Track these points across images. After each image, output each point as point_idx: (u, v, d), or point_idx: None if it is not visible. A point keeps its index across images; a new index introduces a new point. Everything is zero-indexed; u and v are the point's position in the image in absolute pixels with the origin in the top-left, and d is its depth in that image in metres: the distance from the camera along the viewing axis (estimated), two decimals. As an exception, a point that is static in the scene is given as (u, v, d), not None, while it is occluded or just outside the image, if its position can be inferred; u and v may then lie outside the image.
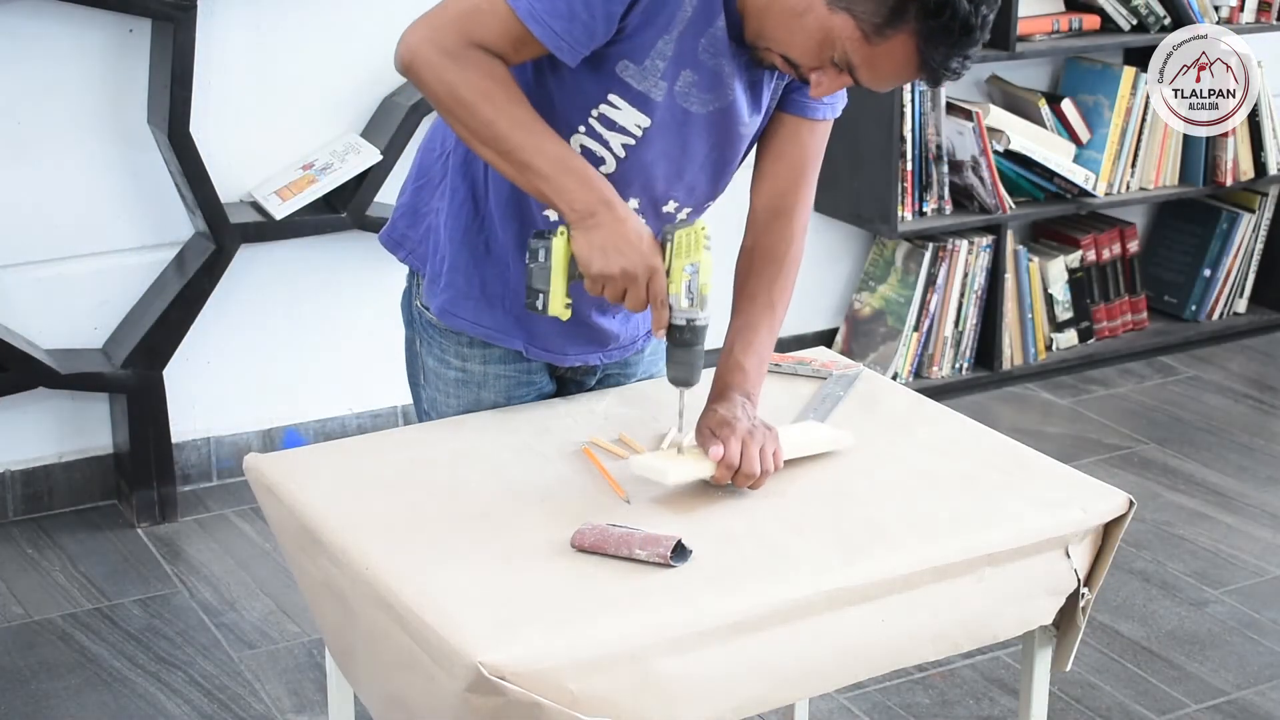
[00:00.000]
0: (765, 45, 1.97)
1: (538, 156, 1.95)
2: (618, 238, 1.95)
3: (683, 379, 2.03)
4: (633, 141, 2.04)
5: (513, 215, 2.12)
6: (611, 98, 2.01)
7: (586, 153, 2.05)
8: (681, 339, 2.01)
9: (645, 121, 2.02)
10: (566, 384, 2.33)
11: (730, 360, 2.13)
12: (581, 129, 2.04)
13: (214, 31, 3.62)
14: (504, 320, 2.18)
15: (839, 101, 2.16)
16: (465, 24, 1.94)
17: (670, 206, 2.13)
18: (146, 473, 3.68)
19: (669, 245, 1.98)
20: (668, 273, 1.98)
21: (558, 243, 1.98)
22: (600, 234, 1.95)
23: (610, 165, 2.06)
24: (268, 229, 3.67)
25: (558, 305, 2.00)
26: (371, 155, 3.70)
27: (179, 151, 3.51)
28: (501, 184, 2.10)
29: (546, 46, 1.94)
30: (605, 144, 2.04)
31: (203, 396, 3.84)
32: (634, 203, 2.08)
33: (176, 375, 3.75)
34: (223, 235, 3.60)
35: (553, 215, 2.08)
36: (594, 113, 2.02)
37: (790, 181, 2.17)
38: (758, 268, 2.18)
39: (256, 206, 3.72)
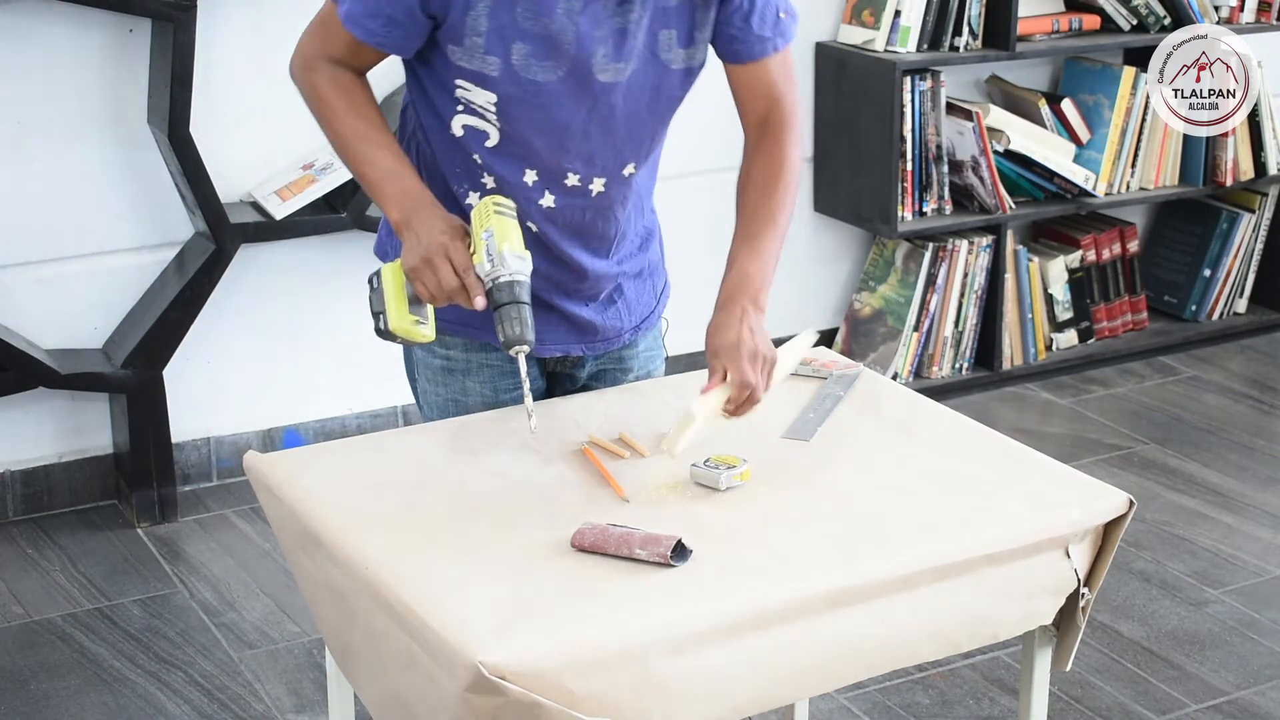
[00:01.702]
0: None
1: (368, 167, 2.09)
2: (421, 231, 2.02)
3: (514, 338, 1.99)
4: (494, 117, 2.09)
5: (450, 209, 2.15)
6: (459, 81, 2.08)
7: (469, 131, 2.11)
8: (497, 299, 2.00)
9: (492, 97, 2.07)
10: (560, 378, 2.33)
11: (735, 267, 2.14)
12: (459, 108, 2.10)
13: (214, 31, 3.62)
14: (463, 311, 2.19)
15: (786, 27, 2.17)
16: (316, 39, 2.12)
17: (573, 179, 2.14)
18: (146, 473, 3.68)
19: (471, 226, 2.03)
20: (473, 251, 2.01)
21: (388, 266, 2.07)
22: (411, 236, 2.04)
23: (493, 138, 2.11)
24: (268, 229, 3.67)
25: (402, 322, 2.04)
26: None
27: (179, 151, 3.51)
28: (436, 181, 2.16)
29: (373, 46, 2.06)
30: (482, 117, 2.10)
31: (203, 396, 3.84)
32: (532, 175, 2.12)
33: (176, 375, 3.75)
34: (223, 235, 3.60)
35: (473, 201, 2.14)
36: (456, 96, 2.09)
37: (767, 112, 2.21)
38: (755, 184, 2.20)
39: (256, 206, 3.72)
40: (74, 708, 3.05)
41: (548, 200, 2.14)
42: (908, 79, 4.22)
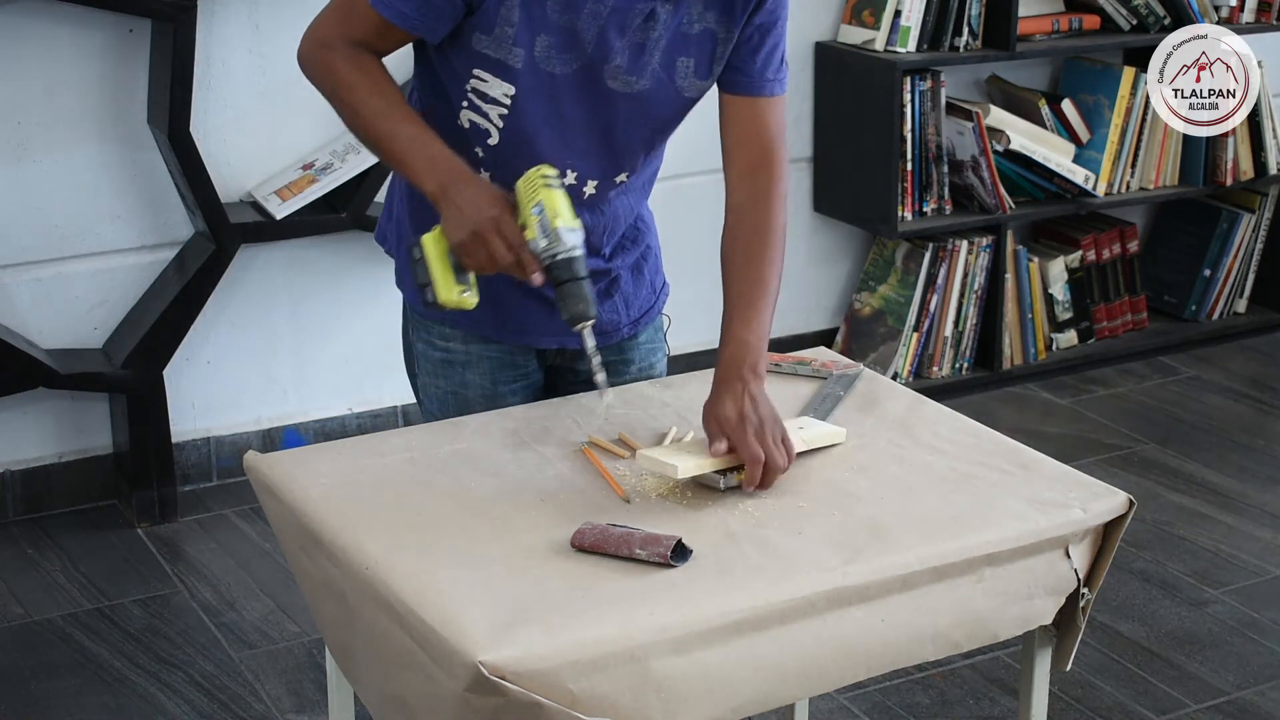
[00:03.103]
0: None
1: (395, 141, 2.04)
2: (464, 204, 1.99)
3: (578, 314, 1.99)
4: (505, 111, 2.08)
5: None
6: (477, 71, 2.07)
7: (474, 126, 2.10)
8: (556, 276, 1.99)
9: (510, 89, 2.07)
10: (561, 371, 2.33)
11: (730, 336, 2.12)
12: (464, 104, 2.10)
13: (214, 31, 3.62)
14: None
15: (784, 76, 2.19)
16: (337, 20, 2.08)
17: (570, 178, 2.14)
18: (146, 473, 3.68)
19: (517, 199, 2.00)
20: (523, 226, 1.99)
21: (429, 236, 2.03)
22: (452, 208, 2.00)
23: (495, 137, 2.11)
24: (268, 229, 3.67)
25: (450, 294, 2.03)
26: (371, 155, 3.70)
27: (179, 151, 3.51)
28: None
29: (403, 29, 2.04)
30: (485, 116, 2.09)
31: (203, 396, 3.84)
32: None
33: (176, 375, 3.75)
34: (223, 235, 3.60)
35: None
36: (468, 87, 2.08)
37: (759, 162, 2.18)
38: (742, 247, 2.17)
39: (256, 206, 3.72)
40: (74, 708, 3.05)
41: None
42: (908, 79, 4.22)
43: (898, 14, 4.22)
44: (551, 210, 1.98)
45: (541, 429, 2.17)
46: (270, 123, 3.74)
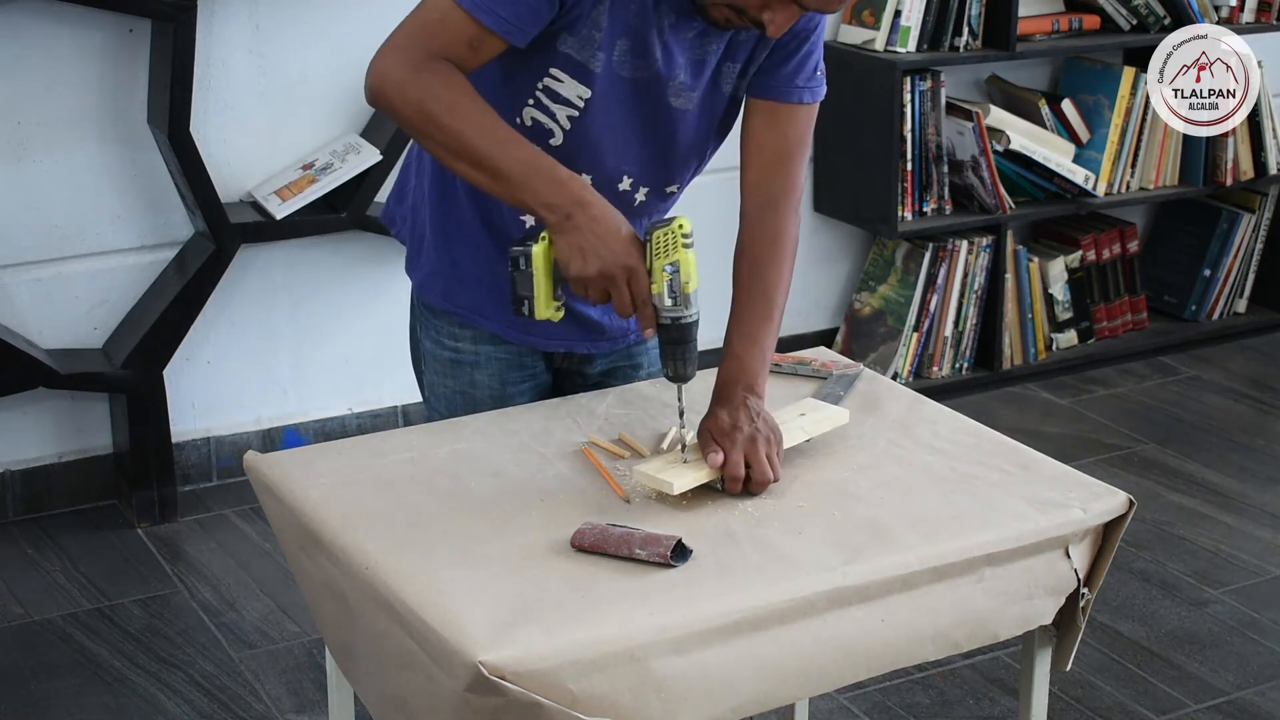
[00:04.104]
0: (712, 1, 1.99)
1: (507, 162, 1.96)
2: (594, 238, 1.95)
3: (678, 375, 2.03)
4: (576, 113, 2.06)
5: (479, 195, 2.14)
6: (554, 71, 2.04)
7: (536, 124, 2.07)
8: (670, 337, 2.01)
9: (586, 93, 2.05)
10: (570, 375, 2.33)
11: (731, 354, 2.13)
12: (530, 101, 2.07)
13: (214, 31, 3.62)
14: (480, 301, 2.18)
15: (817, 86, 2.16)
16: (422, 37, 1.97)
17: (625, 184, 2.14)
18: (146, 473, 3.68)
19: (648, 245, 1.98)
20: (649, 272, 1.98)
21: (538, 248, 1.98)
22: (577, 235, 1.95)
23: (558, 138, 2.08)
24: (268, 229, 3.67)
25: (545, 309, 2.00)
26: (371, 155, 3.71)
27: (179, 151, 3.51)
28: None
29: (498, 35, 1.96)
30: (552, 116, 2.07)
31: (203, 396, 3.84)
32: (586, 178, 2.09)
33: (176, 375, 3.76)
34: (223, 235, 3.60)
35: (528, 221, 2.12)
36: (539, 85, 2.05)
37: (774, 169, 2.16)
38: (751, 261, 2.17)
39: (256, 206, 3.72)
40: (74, 708, 3.05)
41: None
42: (908, 79, 4.22)
43: (898, 14, 4.22)
44: (685, 273, 1.98)
45: (542, 429, 2.17)
46: (270, 123, 3.75)
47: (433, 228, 2.22)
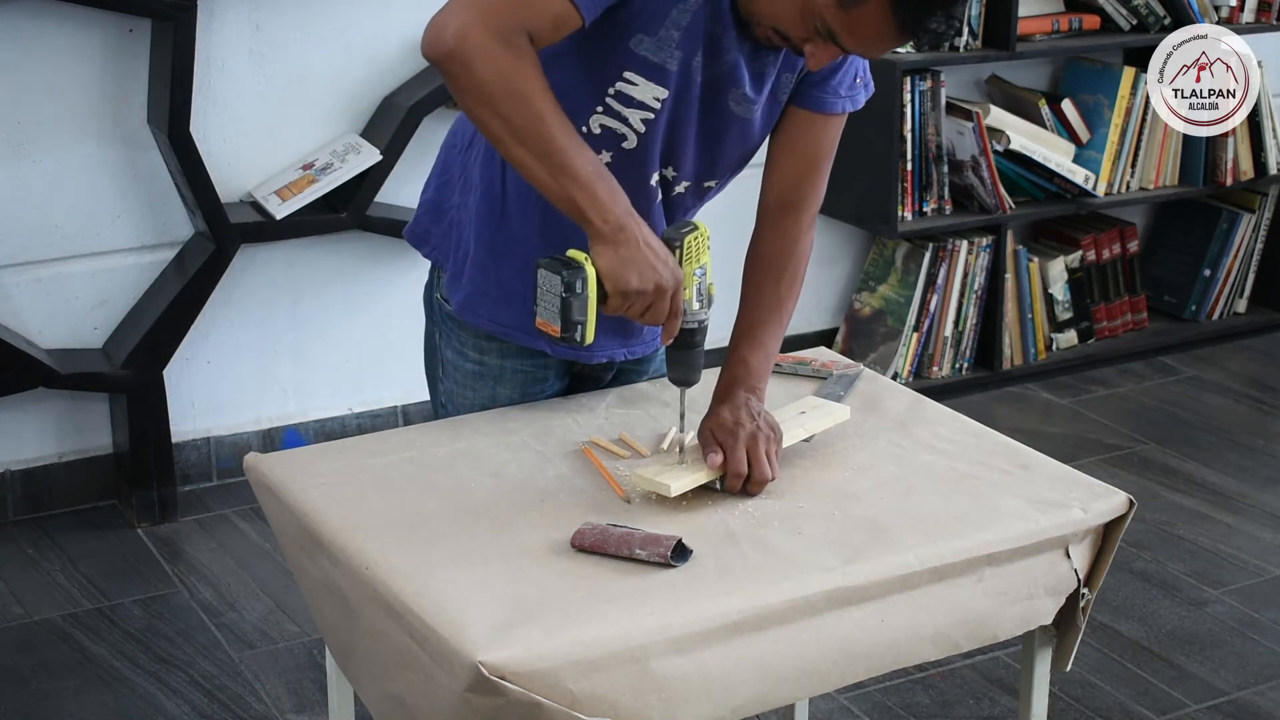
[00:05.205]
0: (757, 20, 1.99)
1: (577, 160, 1.89)
2: (649, 253, 1.93)
3: (685, 379, 2.04)
4: (652, 115, 2.04)
5: (532, 214, 2.11)
6: (628, 74, 2.00)
7: (606, 132, 2.04)
8: (685, 341, 2.01)
9: (663, 94, 2.02)
10: (584, 380, 2.33)
11: (736, 356, 2.13)
12: (600, 109, 2.03)
13: (214, 31, 3.62)
14: (525, 319, 2.18)
15: (858, 94, 2.15)
16: (514, 7, 1.85)
17: (668, 172, 2.12)
18: (146, 473, 3.68)
19: (679, 252, 1.97)
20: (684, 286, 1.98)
21: (591, 270, 1.91)
22: (630, 250, 1.91)
23: (632, 141, 2.06)
24: (268, 229, 3.67)
25: (593, 334, 1.95)
26: (371, 155, 3.70)
27: (179, 151, 3.51)
28: (520, 181, 2.04)
29: (579, 10, 1.87)
30: (624, 121, 2.04)
31: (203, 396, 3.84)
32: (654, 178, 2.08)
33: (176, 375, 3.75)
34: (223, 235, 3.60)
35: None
36: (610, 91, 2.02)
37: (800, 175, 2.17)
38: (765, 263, 2.18)
39: (256, 206, 3.72)
40: (74, 708, 3.05)
41: (644, 198, 2.11)
42: (908, 79, 4.22)
43: (898, 14, 4.22)
44: (709, 276, 1.99)
45: (542, 428, 2.17)
46: (270, 123, 3.74)
47: (479, 246, 2.16)
